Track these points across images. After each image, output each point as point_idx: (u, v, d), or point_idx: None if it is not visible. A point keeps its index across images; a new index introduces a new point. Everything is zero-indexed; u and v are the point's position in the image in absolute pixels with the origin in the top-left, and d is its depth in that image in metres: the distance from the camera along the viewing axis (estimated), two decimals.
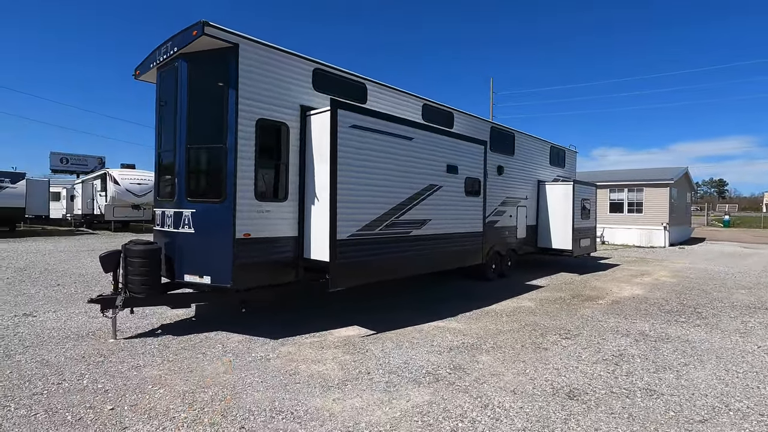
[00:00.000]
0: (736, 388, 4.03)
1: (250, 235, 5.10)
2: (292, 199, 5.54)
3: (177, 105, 5.28)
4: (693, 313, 6.95)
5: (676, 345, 5.29)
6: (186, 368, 4.24)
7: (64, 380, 3.88)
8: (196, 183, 5.34)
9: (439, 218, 6.81)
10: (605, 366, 4.54)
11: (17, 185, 19.31)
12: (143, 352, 4.64)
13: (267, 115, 5.21)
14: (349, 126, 5.31)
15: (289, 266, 5.61)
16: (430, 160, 6.59)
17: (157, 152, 5.83)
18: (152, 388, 3.76)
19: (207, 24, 4.65)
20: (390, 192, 5.93)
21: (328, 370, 4.30)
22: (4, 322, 5.65)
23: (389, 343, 5.17)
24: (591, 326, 6.08)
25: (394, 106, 6.92)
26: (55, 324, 5.60)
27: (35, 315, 6.03)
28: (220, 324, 5.68)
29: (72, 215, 26.31)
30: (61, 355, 4.49)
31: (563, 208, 11.00)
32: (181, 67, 5.19)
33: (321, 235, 5.37)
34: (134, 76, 6.22)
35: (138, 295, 5.06)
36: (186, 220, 5.19)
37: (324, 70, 5.88)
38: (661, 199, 19.67)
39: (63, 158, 41.02)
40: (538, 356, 4.81)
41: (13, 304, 6.64)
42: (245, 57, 4.95)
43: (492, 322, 6.24)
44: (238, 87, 4.90)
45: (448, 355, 4.78)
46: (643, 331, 5.90)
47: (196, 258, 5.17)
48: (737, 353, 5.02)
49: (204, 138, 5.19)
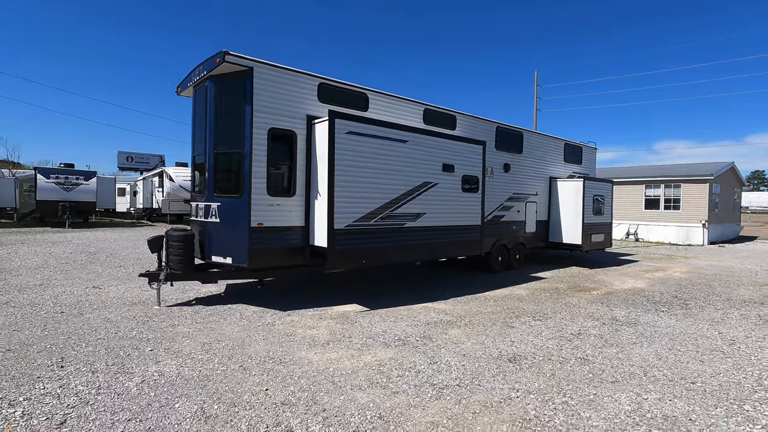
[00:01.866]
0: (666, 362, 4.55)
1: (263, 224, 6.19)
2: (300, 195, 6.56)
3: (206, 117, 6.46)
4: (679, 305, 7.26)
5: (639, 329, 5.77)
6: (209, 328, 5.38)
7: (120, 331, 5.14)
8: (220, 181, 6.50)
9: (434, 212, 7.60)
10: (558, 341, 5.18)
11: (90, 182, 22.04)
12: (179, 316, 5.86)
13: (277, 125, 6.26)
14: (346, 132, 6.24)
15: (297, 251, 6.65)
16: (425, 159, 7.38)
17: (193, 156, 7.07)
18: (182, 339, 4.92)
19: (227, 53, 5.75)
20: (384, 189, 6.80)
21: (319, 334, 5.28)
22: (79, 292, 7.14)
23: (377, 317, 6.07)
24: (568, 311, 6.64)
25: (395, 112, 7.76)
26: (116, 294, 7.01)
27: (101, 288, 7.50)
28: (241, 298, 6.85)
29: (134, 209, 29.37)
30: (118, 315, 5.80)
31: (574, 204, 11.32)
32: (209, 87, 6.36)
33: (322, 225, 6.35)
34: (176, 92, 7.50)
35: (176, 271, 6.31)
36: (213, 212, 6.37)
37: (327, 84, 6.84)
38: (700, 195, 18.99)
39: (129, 156, 45.32)
40: (502, 332, 5.52)
41: (86, 279, 8.21)
42: (258, 77, 6.01)
43: (478, 305, 6.95)
44: (253, 102, 5.98)
45: (424, 328, 5.61)
46: (616, 317, 6.38)
47: (221, 242, 6.34)
48: (692, 337, 5.45)
49: (227, 144, 6.33)
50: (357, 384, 3.84)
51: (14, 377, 3.78)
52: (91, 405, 3.33)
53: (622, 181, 20.65)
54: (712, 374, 4.23)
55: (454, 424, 3.19)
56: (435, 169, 7.59)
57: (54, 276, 8.37)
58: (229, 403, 3.41)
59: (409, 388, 3.79)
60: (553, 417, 3.32)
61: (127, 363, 4.17)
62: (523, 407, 3.47)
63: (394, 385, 3.83)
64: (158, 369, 4.05)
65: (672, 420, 3.30)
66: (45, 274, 8.50)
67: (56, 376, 3.84)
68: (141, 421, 3.12)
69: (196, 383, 3.76)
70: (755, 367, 4.44)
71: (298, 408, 3.37)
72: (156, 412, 3.24)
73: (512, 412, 3.38)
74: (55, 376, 3.83)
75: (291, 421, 3.17)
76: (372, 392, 3.68)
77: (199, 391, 3.62)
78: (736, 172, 22.48)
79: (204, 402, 3.42)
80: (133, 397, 3.47)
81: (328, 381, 3.89)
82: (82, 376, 3.83)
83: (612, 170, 24.28)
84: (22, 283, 7.68)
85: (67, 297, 6.73)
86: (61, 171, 21.63)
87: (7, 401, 3.34)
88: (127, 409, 3.28)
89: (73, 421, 3.10)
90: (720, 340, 5.33)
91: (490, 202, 9.48)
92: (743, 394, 3.80)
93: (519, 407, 3.47)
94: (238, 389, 3.67)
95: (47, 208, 20.71)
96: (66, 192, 21.14)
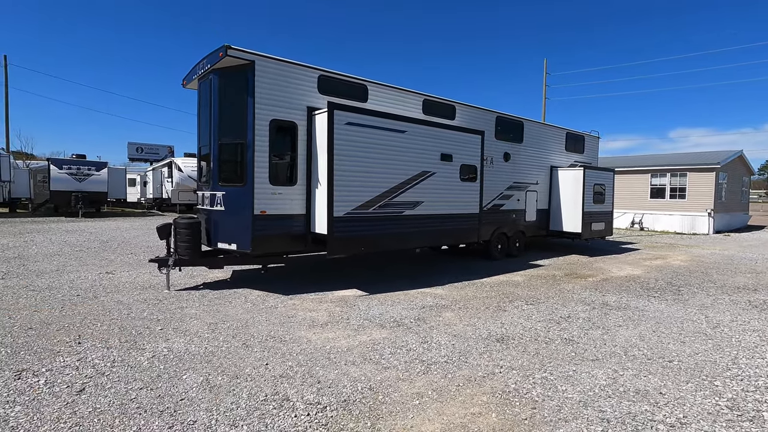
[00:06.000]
0: (648, 342, 4.76)
1: (266, 212, 6.46)
2: (301, 184, 6.81)
3: (211, 109, 6.70)
4: (672, 291, 7.42)
5: (628, 313, 5.97)
6: (215, 310, 5.69)
7: (132, 312, 5.47)
8: (225, 171, 6.76)
9: (432, 200, 7.80)
10: (546, 324, 5.41)
11: (101, 173, 22.54)
12: (187, 299, 6.18)
13: (279, 116, 6.48)
14: (345, 123, 6.45)
15: (299, 238, 6.92)
16: (423, 149, 7.57)
17: (199, 146, 7.34)
18: (189, 320, 5.23)
19: (229, 47, 5.97)
20: (383, 177, 7.02)
21: (318, 316, 5.57)
22: (93, 277, 7.51)
23: (375, 301, 6.34)
24: (561, 297, 6.85)
25: (394, 103, 7.93)
26: (128, 279, 7.37)
27: (114, 273, 7.87)
28: (247, 283, 7.16)
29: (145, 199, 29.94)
30: (130, 298, 6.14)
31: (573, 192, 11.43)
32: (213, 79, 6.59)
33: (323, 212, 6.60)
34: (182, 85, 7.75)
35: (184, 257, 6.62)
36: (218, 200, 6.65)
37: (327, 76, 7.03)
38: (706, 184, 18.89)
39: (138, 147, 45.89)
40: (493, 315, 5.76)
41: (99, 265, 8.59)
42: (260, 71, 6.22)
43: (474, 290, 7.19)
44: (255, 95, 6.20)
45: (419, 311, 5.86)
46: (607, 302, 6.58)
47: (226, 229, 6.63)
48: (678, 320, 5.63)
49: (230, 135, 6.58)
50: (351, 360, 4.11)
51: (36, 352, 4.12)
52: (106, 376, 3.64)
53: (628, 170, 20.60)
54: (691, 354, 4.43)
55: (438, 395, 3.45)
56: (433, 159, 7.78)
57: (69, 262, 8.77)
58: (231, 375, 3.71)
59: (400, 364, 4.05)
60: (531, 390, 3.56)
61: (139, 340, 4.49)
62: (504, 381, 3.72)
63: (386, 362, 4.09)
64: (167, 345, 4.36)
65: (643, 393, 3.52)
66: (61, 261, 8.90)
67: (74, 351, 4.16)
68: (152, 389, 3.42)
69: (202, 358, 4.06)
70: (734, 348, 4.63)
71: (295, 380, 3.66)
72: (165, 383, 3.55)
73: (493, 386, 3.63)
74: (73, 351, 4.16)
75: (288, 391, 3.45)
76: (364, 367, 3.95)
77: (205, 365, 3.92)
78: (745, 160, 22.24)
79: (209, 374, 3.72)
80: (144, 370, 3.79)
81: (325, 357, 4.17)
82: (98, 351, 4.16)
83: (618, 159, 24.16)
84: (40, 268, 8.08)
85: (82, 281, 7.09)
86: (74, 162, 22.13)
87: (31, 372, 3.68)
88: (140, 380, 3.59)
89: (91, 389, 3.41)
90: (705, 324, 5.51)
91: (489, 191, 9.65)
92: (716, 371, 4.00)
93: (500, 381, 3.72)
94: (241, 364, 3.96)
95: (61, 198, 21.26)
96: (78, 183, 21.66)
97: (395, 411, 3.19)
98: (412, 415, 3.14)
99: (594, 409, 3.25)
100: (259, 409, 3.16)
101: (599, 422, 3.06)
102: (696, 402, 3.39)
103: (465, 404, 3.31)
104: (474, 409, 3.23)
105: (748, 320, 5.70)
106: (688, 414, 3.20)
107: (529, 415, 3.16)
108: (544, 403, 3.33)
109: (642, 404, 3.33)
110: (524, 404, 3.32)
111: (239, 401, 3.27)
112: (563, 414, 3.18)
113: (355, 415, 3.13)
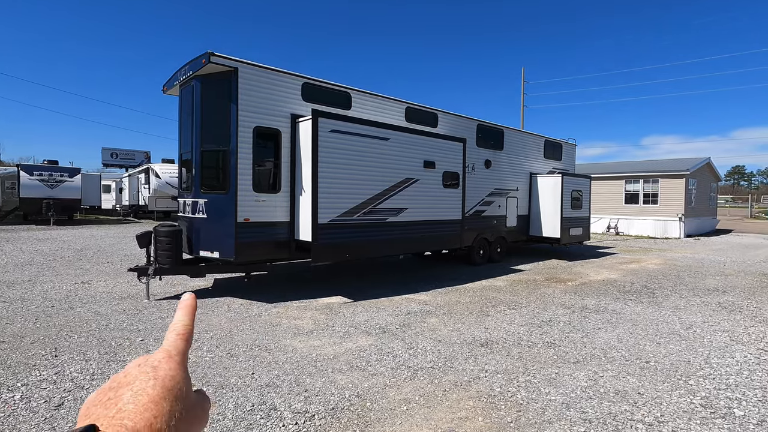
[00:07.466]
0: (626, 344, 4.92)
1: (249, 219, 6.40)
2: (285, 191, 6.79)
3: (193, 115, 6.63)
4: (647, 294, 7.68)
5: (606, 316, 6.15)
6: (198, 320, 5.59)
7: (110, 323, 5.33)
8: (207, 178, 6.68)
9: (415, 207, 7.88)
10: (528, 328, 5.52)
11: (74, 179, 21.85)
12: (168, 309, 6.05)
13: (262, 124, 6.46)
14: (329, 131, 6.48)
15: (283, 245, 6.88)
16: (406, 156, 7.66)
17: (180, 153, 7.23)
18: None
19: (212, 54, 5.93)
20: (367, 185, 7.06)
21: (303, 323, 5.54)
22: (68, 287, 7.27)
23: (360, 308, 6.35)
24: (542, 301, 7.00)
25: (377, 110, 8.01)
26: (105, 289, 7.16)
27: (90, 283, 7.64)
28: (229, 292, 7.07)
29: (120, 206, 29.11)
30: (108, 309, 5.97)
31: (552, 198, 11.73)
32: (196, 86, 6.52)
33: (307, 219, 6.59)
34: (163, 91, 7.64)
35: (164, 266, 6.49)
36: (200, 208, 6.56)
37: (311, 84, 7.06)
38: (677, 189, 19.63)
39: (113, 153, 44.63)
40: (477, 320, 5.85)
41: (74, 275, 8.32)
42: (243, 78, 6.20)
43: (457, 296, 7.27)
44: (238, 102, 6.17)
45: (404, 317, 5.90)
46: (586, 305, 6.76)
47: (208, 237, 6.54)
48: (653, 322, 5.84)
49: (213, 142, 6.52)
50: (338, 367, 4.11)
51: (10, 366, 3.97)
52: (86, 389, 3.54)
53: (604, 177, 21.22)
54: (666, 354, 4.60)
55: (426, 401, 3.48)
56: (416, 166, 7.87)
57: (42, 272, 8.47)
58: (216, 386, 3.66)
59: (386, 370, 4.07)
60: (516, 393, 3.63)
61: (119, 352, 4.38)
62: (489, 385, 3.78)
63: (373, 368, 4.11)
64: None
65: (623, 394, 3.64)
66: (33, 271, 8.59)
67: (51, 364, 4.03)
68: None
69: None
70: (706, 348, 4.83)
71: (281, 389, 3.63)
72: None
73: (479, 390, 3.69)
74: (50, 364, 4.03)
75: (275, 400, 3.43)
76: (351, 374, 3.95)
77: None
78: (712, 167, 23.22)
79: (193, 385, 3.65)
80: None
81: (311, 365, 4.15)
82: (76, 364, 4.04)
83: (594, 166, 24.85)
84: (11, 279, 7.77)
85: (56, 292, 6.86)
86: (45, 168, 21.39)
87: (6, 387, 3.54)
88: None
89: (70, 403, 3.31)
90: (679, 325, 5.73)
91: (471, 198, 9.80)
92: (690, 371, 4.17)
93: (486, 385, 3.78)
94: (226, 373, 3.91)
95: (31, 205, 20.50)
96: (50, 189, 20.94)
97: (383, 417, 3.21)
98: (400, 421, 3.17)
99: (576, 410, 3.34)
100: (246, 420, 3.13)
101: (581, 423, 3.15)
102: (672, 401, 3.53)
103: (452, 409, 3.36)
104: (461, 414, 3.28)
105: (719, 321, 5.95)
106: (665, 413, 3.33)
107: (514, 418, 3.22)
108: (529, 406, 3.41)
109: (621, 404, 3.44)
110: (509, 407, 3.39)
111: (225, 412, 3.23)
112: (547, 416, 3.26)
113: (343, 422, 3.14)
